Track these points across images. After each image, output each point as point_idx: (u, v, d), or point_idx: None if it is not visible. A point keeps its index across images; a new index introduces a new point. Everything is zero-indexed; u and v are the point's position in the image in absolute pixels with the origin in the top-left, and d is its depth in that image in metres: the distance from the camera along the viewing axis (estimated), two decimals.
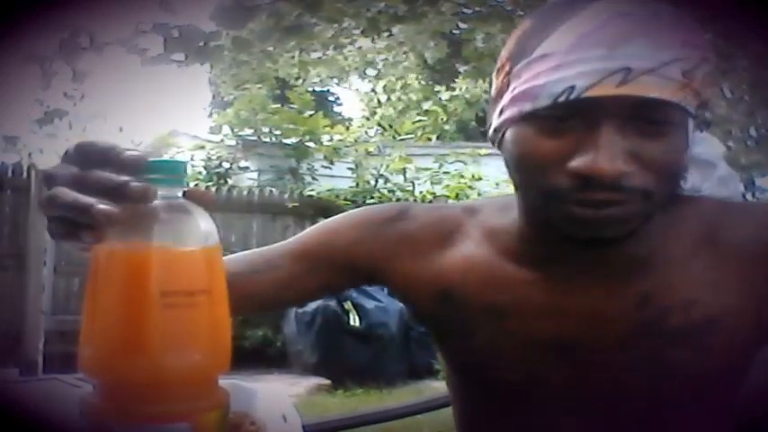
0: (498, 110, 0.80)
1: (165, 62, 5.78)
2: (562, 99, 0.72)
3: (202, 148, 8.99)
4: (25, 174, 6.22)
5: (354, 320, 5.93)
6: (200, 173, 8.62)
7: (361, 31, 6.13)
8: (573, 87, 0.71)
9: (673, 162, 0.75)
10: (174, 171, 0.59)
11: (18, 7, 4.59)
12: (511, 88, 0.77)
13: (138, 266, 0.57)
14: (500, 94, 0.80)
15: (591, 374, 0.84)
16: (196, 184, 8.04)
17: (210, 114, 12.65)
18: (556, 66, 0.72)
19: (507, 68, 0.79)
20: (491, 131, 0.83)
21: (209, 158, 8.80)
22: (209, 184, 8.01)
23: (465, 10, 6.04)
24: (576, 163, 0.72)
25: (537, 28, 0.77)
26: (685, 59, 0.72)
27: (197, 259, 0.58)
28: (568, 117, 0.73)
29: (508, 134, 0.79)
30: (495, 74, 0.82)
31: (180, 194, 0.59)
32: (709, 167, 0.88)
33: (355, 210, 0.99)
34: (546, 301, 0.84)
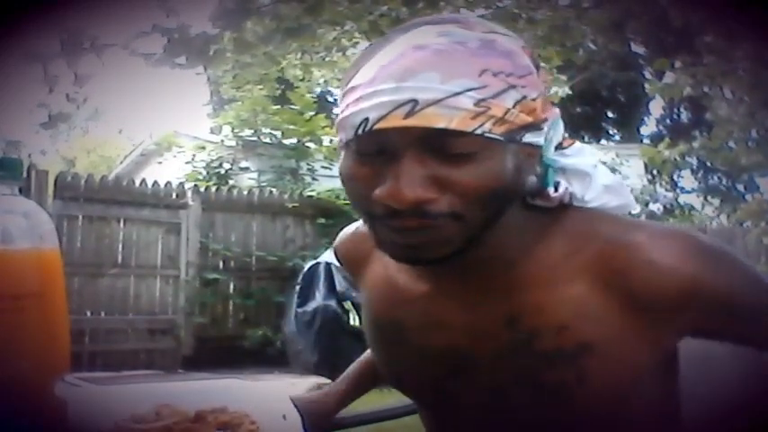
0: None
1: (166, 65, 5.77)
2: (360, 131, 0.72)
3: (203, 148, 8.99)
4: (25, 174, 6.21)
5: (354, 320, 5.92)
6: (200, 173, 8.63)
7: (363, 34, 6.13)
8: (367, 119, 0.72)
9: (481, 186, 0.73)
10: (5, 168, 0.57)
11: (18, 9, 4.60)
12: (339, 116, 0.78)
13: None
14: None
15: (479, 388, 0.84)
16: (196, 185, 8.03)
17: (211, 115, 12.66)
18: (358, 98, 0.73)
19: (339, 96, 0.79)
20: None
21: (210, 159, 8.81)
22: (210, 184, 8.01)
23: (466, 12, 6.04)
24: (379, 192, 0.73)
25: (357, 60, 0.78)
26: (481, 88, 0.71)
27: (26, 261, 0.54)
28: (375, 147, 0.74)
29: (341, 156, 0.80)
30: None
31: (17, 191, 0.57)
32: (585, 177, 0.85)
33: None
34: (436, 315, 0.86)
